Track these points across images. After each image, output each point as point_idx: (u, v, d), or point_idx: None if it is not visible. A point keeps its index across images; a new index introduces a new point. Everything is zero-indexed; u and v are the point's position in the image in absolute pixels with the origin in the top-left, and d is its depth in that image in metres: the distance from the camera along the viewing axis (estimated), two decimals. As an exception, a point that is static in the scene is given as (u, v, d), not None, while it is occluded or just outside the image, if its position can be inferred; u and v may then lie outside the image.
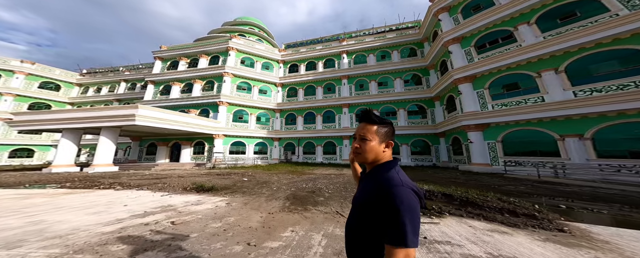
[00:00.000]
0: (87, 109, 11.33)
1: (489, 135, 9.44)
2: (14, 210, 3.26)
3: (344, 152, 16.86)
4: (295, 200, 3.98)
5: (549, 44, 7.79)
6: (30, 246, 1.96)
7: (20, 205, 3.56)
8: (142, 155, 17.29)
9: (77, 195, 4.53)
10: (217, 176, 7.71)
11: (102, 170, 10.22)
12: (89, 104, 22.93)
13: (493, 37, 9.99)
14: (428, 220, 2.82)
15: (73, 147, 11.18)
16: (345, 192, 4.83)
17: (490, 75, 9.74)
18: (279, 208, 3.34)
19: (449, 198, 4.05)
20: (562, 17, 7.94)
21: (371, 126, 0.64)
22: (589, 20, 7.32)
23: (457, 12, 11.77)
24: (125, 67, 25.91)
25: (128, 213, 3.02)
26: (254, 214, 3.05)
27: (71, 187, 5.48)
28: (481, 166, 9.22)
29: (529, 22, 8.76)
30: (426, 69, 15.91)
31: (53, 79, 22.26)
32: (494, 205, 3.26)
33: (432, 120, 14.84)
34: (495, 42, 9.89)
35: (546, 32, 8.26)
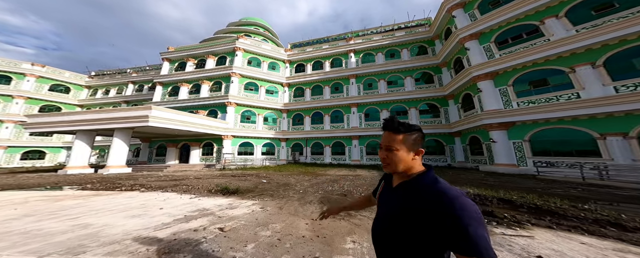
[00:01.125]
0: (101, 110, 11.21)
1: (514, 134, 8.83)
2: (51, 212, 3.19)
3: (353, 152, 16.31)
4: (330, 204, 3.77)
5: (584, 37, 7.20)
6: (94, 252, 1.89)
7: (54, 207, 3.49)
8: (152, 156, 17.01)
9: (105, 196, 4.45)
10: (233, 178, 7.50)
11: (117, 172, 10.10)
12: (98, 106, 22.85)
13: (516, 32, 9.41)
14: (513, 232, 2.33)
15: (87, 149, 11.07)
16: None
17: (515, 72, 9.14)
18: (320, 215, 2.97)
19: (508, 203, 3.52)
20: (597, 9, 7.34)
21: (396, 135, 0.60)
22: (630, 11, 6.72)
23: (473, 7, 11.21)
24: (133, 69, 25.82)
25: (170, 218, 2.91)
26: (297, 221, 2.82)
27: (93, 189, 5.42)
28: (507, 167, 8.61)
29: (558, 16, 8.17)
30: (438, 67, 15.33)
31: (63, 82, 22.26)
32: (581, 215, 2.74)
33: (445, 119, 14.23)
34: (518, 37, 9.31)
35: (579, 25, 7.66)
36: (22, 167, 16.75)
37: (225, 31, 25.37)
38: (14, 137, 18.56)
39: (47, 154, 20.18)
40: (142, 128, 10.91)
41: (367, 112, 16.93)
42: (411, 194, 0.57)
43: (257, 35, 25.08)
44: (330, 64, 19.45)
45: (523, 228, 2.46)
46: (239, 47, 18.32)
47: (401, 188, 0.61)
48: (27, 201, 3.98)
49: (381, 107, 16.46)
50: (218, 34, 24.83)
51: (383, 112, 16.32)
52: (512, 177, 7.07)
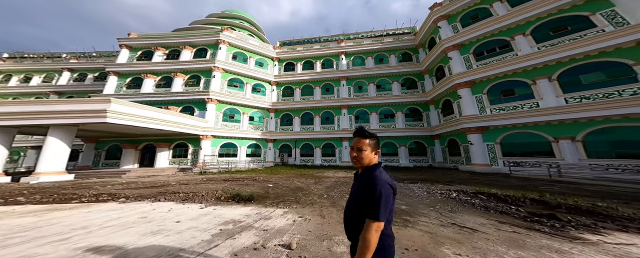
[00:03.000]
0: (31, 101, 8.33)
1: (488, 137, 9.66)
2: (12, 234, 2.43)
3: (343, 154, 16.06)
4: None
5: (543, 54, 8.21)
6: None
7: (17, 227, 2.69)
8: (100, 160, 13.55)
9: (72, 211, 3.54)
10: (227, 182, 6.65)
11: (52, 180, 7.61)
12: (12, 96, 17.40)
13: (491, 45, 10.35)
14: (612, 240, 2.18)
15: (2, 151, 8.10)
16: (409, 198, 4.39)
17: (489, 81, 10.03)
18: None
19: (542, 204, 3.51)
20: (554, 30, 8.46)
21: (365, 139, 0.87)
22: (578, 34, 7.89)
23: (456, 20, 12.02)
24: (71, 54, 20.51)
25: (203, 233, 2.46)
26: None
27: (35, 202, 4.27)
28: (482, 166, 9.36)
29: (525, 33, 9.21)
30: (421, 74, 16.18)
31: None
32: (626, 215, 2.73)
33: (427, 123, 15.08)
34: (493, 50, 10.25)
35: (541, 43, 8.74)
36: None
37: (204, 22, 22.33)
38: None
39: None
40: (92, 125, 8.46)
41: (357, 114, 16.88)
42: (363, 178, 0.84)
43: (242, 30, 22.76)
44: (322, 65, 18.85)
45: (596, 233, 2.31)
46: (224, 40, 16.23)
47: (361, 175, 0.88)
48: None
49: (371, 110, 16.60)
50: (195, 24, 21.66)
51: (372, 114, 16.49)
52: (491, 176, 7.67)
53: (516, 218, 2.99)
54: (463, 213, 3.25)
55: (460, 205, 3.78)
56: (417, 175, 8.54)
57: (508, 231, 2.48)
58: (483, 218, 3.03)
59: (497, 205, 3.57)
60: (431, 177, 7.89)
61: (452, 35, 11.63)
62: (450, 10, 12.13)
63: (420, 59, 16.44)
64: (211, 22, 21.97)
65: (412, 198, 4.49)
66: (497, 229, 2.57)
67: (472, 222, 2.84)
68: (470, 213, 3.25)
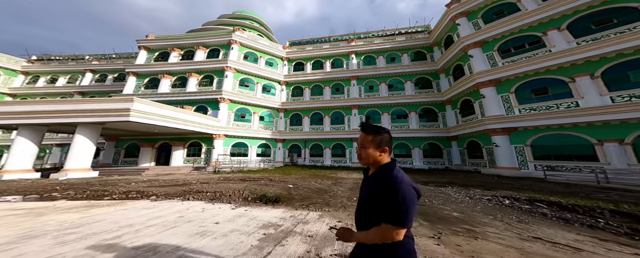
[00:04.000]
0: (60, 100, 8.64)
1: (516, 139, 8.95)
2: (65, 230, 2.49)
3: (354, 154, 15.60)
4: (423, 214, 3.28)
5: (584, 49, 7.46)
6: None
7: (58, 223, 2.74)
8: (120, 157, 13.80)
9: (110, 207, 3.59)
10: (245, 182, 6.54)
11: (79, 176, 7.81)
12: (40, 96, 18.13)
13: (519, 41, 9.61)
14: None
15: (32, 148, 8.39)
16: (454, 204, 4.01)
17: (517, 80, 9.30)
18: (434, 230, 2.60)
19: (627, 217, 3.00)
20: (596, 23, 7.69)
21: (367, 135, 0.77)
22: (627, 27, 7.10)
23: (477, 17, 11.33)
24: (93, 56, 21.26)
25: (248, 237, 2.34)
26: (422, 241, 2.27)
27: (70, 198, 4.36)
28: (509, 170, 8.66)
29: (560, 28, 8.46)
30: (436, 73, 15.47)
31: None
32: None
33: (443, 123, 14.36)
34: (521, 47, 9.51)
35: (579, 38, 7.98)
36: None
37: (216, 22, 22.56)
38: None
39: None
40: (115, 124, 8.64)
41: (368, 114, 16.37)
42: (377, 179, 0.74)
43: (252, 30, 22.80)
44: (331, 65, 18.50)
45: None
46: (235, 40, 16.23)
47: (374, 176, 0.77)
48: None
49: (382, 110, 16.06)
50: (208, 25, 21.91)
51: (384, 114, 15.94)
52: (522, 180, 7.01)
53: (617, 234, 2.50)
54: (538, 225, 2.79)
55: (526, 214, 3.31)
56: (438, 178, 8.06)
57: (629, 253, 2.03)
58: (571, 232, 2.56)
59: (577, 217, 3.08)
60: (456, 180, 7.40)
61: (474, 32, 10.94)
62: (471, 6, 11.44)
63: (435, 57, 15.73)
64: (223, 23, 22.17)
65: (457, 204, 4.05)
66: (607, 249, 2.12)
67: (559, 237, 2.40)
68: (547, 226, 2.78)
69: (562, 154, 7.81)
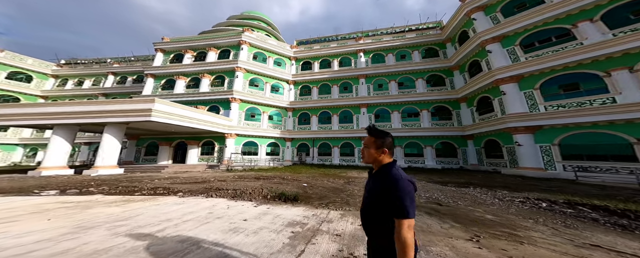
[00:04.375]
0: (89, 102, 9.29)
1: (541, 138, 8.42)
2: (115, 222, 2.68)
3: None
4: (452, 216, 3.18)
5: (622, 41, 6.87)
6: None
7: (106, 216, 2.95)
8: (141, 155, 14.49)
9: (145, 202, 3.81)
10: (259, 180, 6.62)
11: (108, 173, 8.35)
12: (68, 97, 19.32)
13: (544, 35, 9.03)
14: None
15: (66, 146, 9.06)
16: (485, 206, 3.85)
17: (542, 75, 8.75)
18: (469, 232, 2.50)
19: None
20: (636, 13, 7.06)
21: (371, 138, 0.87)
22: None
23: (496, 10, 10.77)
24: (114, 59, 22.39)
25: (277, 234, 2.34)
26: (443, 240, 2.23)
27: (104, 193, 4.67)
28: (534, 171, 8.17)
29: (593, 19, 7.85)
30: (450, 70, 14.91)
31: (24, 69, 18.44)
32: None
33: (458, 122, 13.82)
34: (547, 40, 8.93)
35: (616, 29, 7.36)
36: None
37: (226, 24, 23.04)
38: (-42, 132, 14.94)
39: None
40: (138, 123, 9.09)
41: (377, 113, 16.10)
42: (378, 177, 0.83)
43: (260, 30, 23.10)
44: (339, 63, 18.34)
45: None
46: (245, 41, 16.49)
47: (376, 175, 0.86)
48: (47, 210, 3.27)
49: (392, 108, 15.72)
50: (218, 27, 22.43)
51: (394, 113, 15.60)
52: (551, 181, 6.60)
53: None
54: (591, 232, 2.58)
55: (572, 219, 3.07)
56: (455, 178, 7.77)
57: None
58: (633, 241, 2.34)
59: (636, 224, 2.81)
60: (475, 180, 7.08)
61: (492, 27, 10.40)
62: (488, 0, 10.89)
63: (449, 54, 15.17)
64: (232, 24, 22.61)
65: (487, 205, 3.86)
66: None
67: (623, 246, 2.18)
68: (603, 233, 2.56)
69: (595, 154, 7.24)
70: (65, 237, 2.20)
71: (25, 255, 1.81)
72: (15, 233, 2.34)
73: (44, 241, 2.10)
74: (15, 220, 2.82)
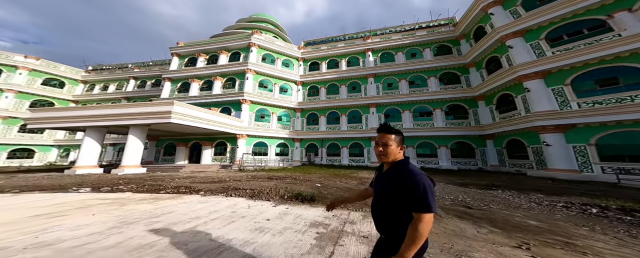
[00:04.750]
0: (116, 105, 10.06)
1: (574, 137, 7.81)
2: (152, 219, 2.82)
3: (372, 154, 15.07)
4: (488, 220, 2.97)
5: (669, 30, 6.23)
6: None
7: (141, 213, 3.08)
8: (160, 156, 15.15)
9: (172, 200, 3.94)
10: (272, 180, 6.67)
11: (132, 172, 8.87)
12: (95, 102, 20.58)
13: (574, 28, 8.43)
14: None
15: (97, 147, 9.76)
16: (523, 210, 3.56)
17: (573, 70, 8.15)
18: (515, 239, 2.31)
19: None
20: None
21: (391, 135, 0.87)
22: None
23: (516, 4, 10.23)
24: (134, 64, 23.65)
25: (303, 235, 2.31)
26: (507, 251, 1.98)
27: (136, 191, 4.88)
28: (566, 173, 7.57)
29: (632, 9, 7.23)
30: (465, 67, 14.34)
31: (57, 76, 19.92)
32: None
33: (475, 121, 13.22)
34: (578, 33, 8.33)
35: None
36: (9, 167, 14.60)
37: (235, 27, 23.69)
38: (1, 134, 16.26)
39: (36, 153, 17.79)
40: (159, 125, 9.52)
41: (387, 113, 15.76)
42: (394, 174, 0.83)
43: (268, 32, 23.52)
44: (347, 63, 18.21)
45: None
46: (254, 43, 16.80)
47: (389, 172, 0.87)
48: (90, 205, 3.49)
49: (403, 108, 15.32)
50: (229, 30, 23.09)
51: (405, 112, 15.20)
52: (588, 185, 6.05)
53: None
54: None
55: (636, 228, 2.75)
56: (475, 180, 7.38)
57: None
58: None
59: None
60: (499, 182, 6.69)
61: (514, 21, 9.87)
62: (508, -8, 10.38)
63: (463, 51, 14.61)
64: (241, 27, 23.19)
65: (525, 210, 3.58)
66: None
67: None
68: None
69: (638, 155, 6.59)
70: (111, 231, 2.33)
71: (82, 247, 1.94)
72: (69, 226, 2.51)
73: (95, 234, 2.25)
74: (65, 214, 3.02)
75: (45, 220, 2.76)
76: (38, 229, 2.41)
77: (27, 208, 3.31)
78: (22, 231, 2.35)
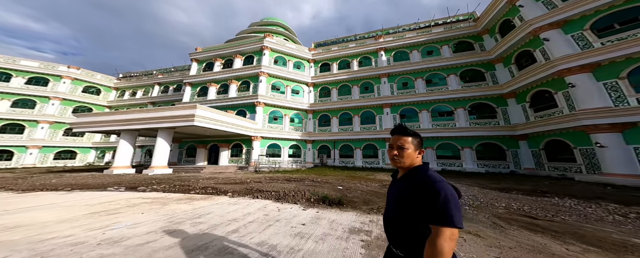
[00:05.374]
0: (145, 110, 10.72)
1: (635, 137, 6.80)
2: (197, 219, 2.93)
3: (386, 155, 14.41)
4: (571, 234, 2.59)
5: None
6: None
7: (189, 213, 3.23)
8: (182, 157, 16.01)
9: (204, 201, 4.08)
10: (291, 182, 6.68)
11: (161, 172, 9.46)
12: (125, 107, 22.34)
13: (627, 15, 7.46)
14: None
15: (130, 149, 10.63)
16: (589, 221, 3.16)
17: (629, 62, 7.17)
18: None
19: None
20: None
21: (407, 137, 0.79)
22: None
23: (551, -8, 9.36)
24: (158, 71, 25.38)
25: (353, 244, 2.14)
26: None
27: (168, 191, 5.09)
28: (626, 178, 6.57)
29: None
30: (490, 64, 13.40)
31: (94, 83, 22.06)
32: None
33: (504, 120, 12.20)
34: (631, 21, 7.35)
35: None
36: (55, 167, 16.44)
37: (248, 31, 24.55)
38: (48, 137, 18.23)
39: (77, 154, 19.77)
40: (183, 128, 10.08)
41: (403, 113, 15.15)
42: (411, 180, 0.74)
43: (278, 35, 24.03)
44: (359, 63, 17.95)
45: None
46: (266, 46, 17.21)
47: (404, 178, 0.79)
48: (135, 204, 3.68)
49: (420, 108, 14.64)
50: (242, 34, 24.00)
51: (422, 112, 14.49)
52: None
53: None
54: None
55: None
56: (514, 184, 6.66)
57: None
58: None
59: None
60: (547, 188, 5.94)
61: (550, 12, 9.01)
62: (540, -19, 9.54)
63: (487, 46, 13.70)
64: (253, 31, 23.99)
65: (612, 224, 3.05)
66: None
67: None
68: None
69: None
70: (165, 231, 2.43)
71: (146, 245, 2.03)
72: (126, 223, 2.63)
73: (152, 233, 2.33)
74: (118, 212, 3.20)
75: (104, 217, 2.91)
76: (101, 225, 2.55)
77: (83, 205, 3.53)
78: (88, 227, 2.49)
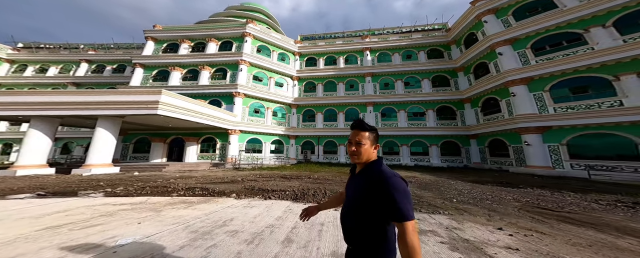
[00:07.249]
0: (78, 91, 7.84)
1: (550, 138, 8.58)
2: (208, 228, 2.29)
3: None
4: (590, 225, 2.59)
5: (632, 47, 7.03)
6: None
7: (192, 219, 2.57)
8: (128, 153, 12.64)
9: (206, 205, 3.30)
10: (288, 180, 6.02)
11: (103, 172, 6.96)
12: (29, 86, 16.30)
13: (556, 39, 9.11)
14: None
15: (46, 142, 7.34)
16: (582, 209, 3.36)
17: (552, 78, 8.86)
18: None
19: None
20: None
21: (364, 132, 0.75)
22: None
23: (508, 14, 10.74)
24: (88, 46, 19.31)
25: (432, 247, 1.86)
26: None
27: (135, 194, 3.96)
28: (542, 169, 8.33)
29: (605, 25, 7.98)
30: (454, 71, 14.96)
31: None
32: None
33: (462, 121, 13.97)
34: (558, 44, 9.03)
35: (627, 35, 7.53)
36: None
37: (224, 14, 21.04)
38: None
39: None
40: (137, 117, 7.71)
41: (384, 112, 15.79)
42: (367, 176, 0.71)
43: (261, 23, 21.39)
44: (345, 61, 17.64)
45: None
46: (249, 33, 15.04)
47: (361, 173, 0.75)
48: (111, 213, 2.71)
49: (398, 108, 15.49)
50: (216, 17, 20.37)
51: (400, 112, 15.39)
52: (565, 180, 6.63)
53: None
54: None
55: None
56: (476, 177, 7.56)
57: None
58: None
59: None
60: (501, 179, 6.95)
61: (505, 30, 10.37)
62: (501, 3, 10.83)
63: (453, 55, 15.19)
64: (231, 14, 20.68)
65: (607, 212, 3.26)
66: None
67: None
68: None
69: (602, 154, 7.49)
70: (203, 244, 1.88)
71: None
72: (135, 238, 1.88)
73: (187, 247, 1.77)
74: (98, 224, 2.22)
75: (76, 232, 1.95)
76: (95, 241, 1.76)
77: (27, 218, 2.23)
78: (70, 245, 1.66)
